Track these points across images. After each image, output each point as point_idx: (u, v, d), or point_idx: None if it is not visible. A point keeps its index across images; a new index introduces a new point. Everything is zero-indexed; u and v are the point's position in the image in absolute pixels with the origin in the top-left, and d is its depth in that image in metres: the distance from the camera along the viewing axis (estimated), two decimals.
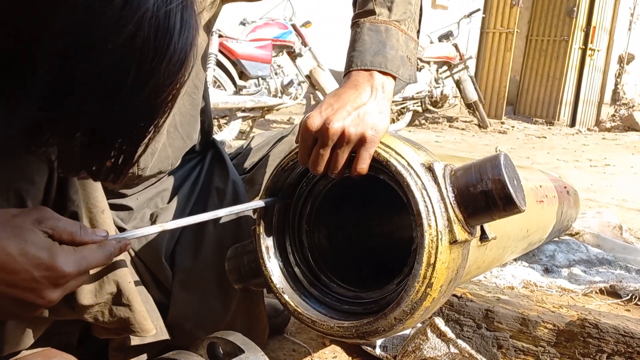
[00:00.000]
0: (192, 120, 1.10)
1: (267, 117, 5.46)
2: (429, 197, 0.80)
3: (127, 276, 0.87)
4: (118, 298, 0.88)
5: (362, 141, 0.84)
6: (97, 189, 0.84)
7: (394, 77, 0.92)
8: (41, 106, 0.50)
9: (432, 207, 0.79)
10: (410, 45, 0.96)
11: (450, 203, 0.80)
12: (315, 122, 0.85)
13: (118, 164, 0.58)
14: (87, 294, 0.86)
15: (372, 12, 0.95)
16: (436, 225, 0.79)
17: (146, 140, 0.56)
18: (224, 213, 0.88)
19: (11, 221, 0.57)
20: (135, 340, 0.93)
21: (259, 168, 1.25)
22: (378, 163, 0.85)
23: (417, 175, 0.81)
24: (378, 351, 1.22)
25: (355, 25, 0.96)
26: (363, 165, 0.85)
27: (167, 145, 1.02)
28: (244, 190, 1.16)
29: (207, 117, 1.18)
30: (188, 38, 0.53)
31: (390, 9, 0.94)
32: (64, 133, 0.54)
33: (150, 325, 0.90)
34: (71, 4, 0.47)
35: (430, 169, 0.82)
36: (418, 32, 1.05)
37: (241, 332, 0.89)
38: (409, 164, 0.82)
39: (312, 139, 0.85)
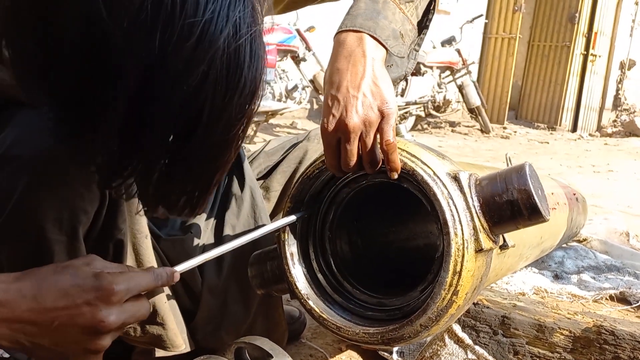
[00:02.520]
0: None
1: (271, 121, 5.47)
2: (455, 206, 0.81)
3: (163, 297, 0.89)
4: (153, 317, 0.89)
5: (380, 117, 0.84)
6: (143, 216, 0.85)
7: (385, 47, 0.90)
8: (119, 144, 0.51)
9: (459, 216, 0.81)
10: (406, 25, 0.94)
11: (476, 212, 0.82)
12: (331, 125, 0.84)
13: (194, 198, 0.58)
14: None
15: None
16: (462, 234, 0.81)
17: (219, 173, 0.56)
18: (262, 233, 0.87)
19: (62, 266, 0.60)
20: (160, 353, 0.95)
21: (274, 174, 1.26)
22: (404, 172, 0.86)
23: (443, 184, 0.83)
24: (395, 357, 1.23)
25: None
26: (389, 138, 0.83)
27: None
28: (261, 197, 1.17)
29: None
30: (257, 69, 0.53)
31: None
32: (142, 170, 0.54)
33: (181, 341, 0.92)
34: (145, 46, 0.47)
35: (455, 178, 0.83)
36: (423, 28, 1.03)
37: (261, 335, 0.90)
38: (434, 173, 0.84)
39: (335, 140, 0.85)
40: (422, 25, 1.05)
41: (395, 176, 0.85)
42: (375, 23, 0.89)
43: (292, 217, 0.92)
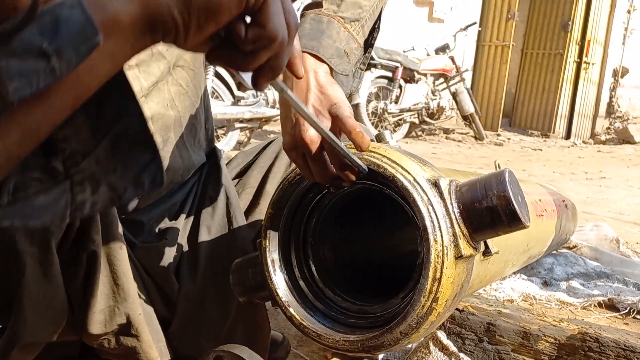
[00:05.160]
0: (198, 129, 1.10)
1: (265, 127, 5.47)
2: (434, 212, 0.81)
3: (137, 308, 0.89)
4: (127, 328, 0.89)
5: (332, 118, 0.84)
6: (118, 227, 0.84)
7: (330, 67, 0.90)
8: None
9: (438, 223, 0.80)
10: (351, 44, 0.95)
11: (456, 218, 0.81)
12: (289, 144, 0.83)
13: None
14: (96, 324, 0.87)
15: (319, 5, 0.95)
16: (442, 240, 0.80)
17: None
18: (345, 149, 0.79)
19: None
20: None
21: (250, 171, 1.24)
22: (384, 178, 0.86)
23: (423, 190, 0.82)
24: None
25: (301, 16, 0.97)
26: (351, 128, 0.81)
27: (177, 157, 1.03)
28: (236, 195, 1.15)
29: (210, 125, 1.18)
30: None
31: (338, 6, 0.95)
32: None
33: (155, 353, 0.92)
34: None
35: (436, 184, 0.83)
36: (368, 47, 1.04)
37: (243, 340, 0.89)
38: (415, 179, 0.83)
39: (300, 157, 0.84)
40: (368, 44, 1.06)
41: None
42: (319, 42, 0.90)
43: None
